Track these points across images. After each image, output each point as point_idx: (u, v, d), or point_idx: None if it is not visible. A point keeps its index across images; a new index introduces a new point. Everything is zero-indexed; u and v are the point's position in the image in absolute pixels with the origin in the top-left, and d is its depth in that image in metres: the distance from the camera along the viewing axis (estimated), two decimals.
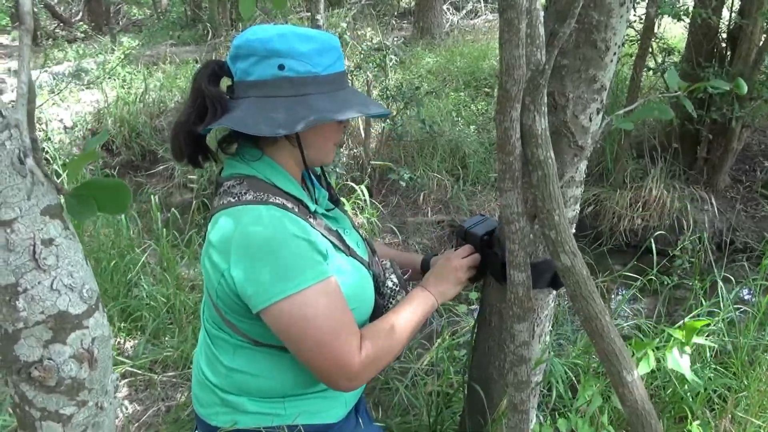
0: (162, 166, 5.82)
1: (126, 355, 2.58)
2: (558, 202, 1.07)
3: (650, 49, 4.59)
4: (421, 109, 4.91)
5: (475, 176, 5.04)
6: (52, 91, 6.80)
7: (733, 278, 2.77)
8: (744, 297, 3.35)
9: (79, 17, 12.62)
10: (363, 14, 8.53)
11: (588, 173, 1.39)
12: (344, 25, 5.84)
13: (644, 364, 1.23)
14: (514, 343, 1.26)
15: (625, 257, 4.12)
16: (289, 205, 1.15)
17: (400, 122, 4.97)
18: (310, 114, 1.11)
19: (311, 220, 1.18)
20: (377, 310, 1.26)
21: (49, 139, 5.88)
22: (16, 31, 11.53)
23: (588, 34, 1.11)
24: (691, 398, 1.87)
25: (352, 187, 4.36)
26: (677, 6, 4.43)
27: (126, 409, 2.27)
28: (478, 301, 1.55)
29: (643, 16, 4.47)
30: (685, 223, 4.45)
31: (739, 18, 4.36)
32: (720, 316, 2.33)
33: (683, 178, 4.85)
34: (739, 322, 2.38)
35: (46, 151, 5.46)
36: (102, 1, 12.02)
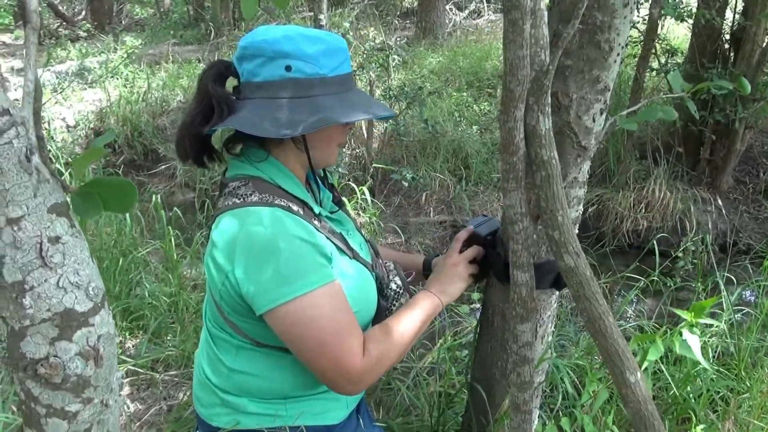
0: (164, 165, 5.83)
1: (128, 354, 2.58)
2: (561, 202, 1.07)
3: (653, 50, 4.59)
4: (424, 109, 4.91)
5: (478, 176, 5.04)
6: (55, 90, 6.81)
7: (735, 280, 2.78)
8: (747, 298, 3.35)
9: (82, 16, 12.63)
10: (366, 14, 8.53)
11: (591, 174, 1.38)
12: (347, 25, 5.84)
13: (653, 351, 1.22)
14: (517, 344, 1.26)
15: (627, 258, 4.12)
16: (294, 207, 1.15)
17: (403, 122, 4.97)
18: (316, 116, 1.11)
19: (315, 222, 1.18)
20: (380, 313, 1.26)
21: (52, 138, 5.90)
22: (19, 29, 11.58)
23: (592, 35, 1.12)
24: (694, 400, 1.88)
25: (354, 188, 4.36)
26: (680, 7, 4.43)
27: (128, 408, 2.28)
28: (481, 302, 1.56)
29: (647, 17, 4.47)
30: (688, 225, 4.44)
31: (743, 19, 4.36)
32: (722, 318, 2.33)
33: (686, 179, 4.85)
34: (742, 324, 2.38)
35: (49, 150, 5.48)
36: (105, 0, 12.04)
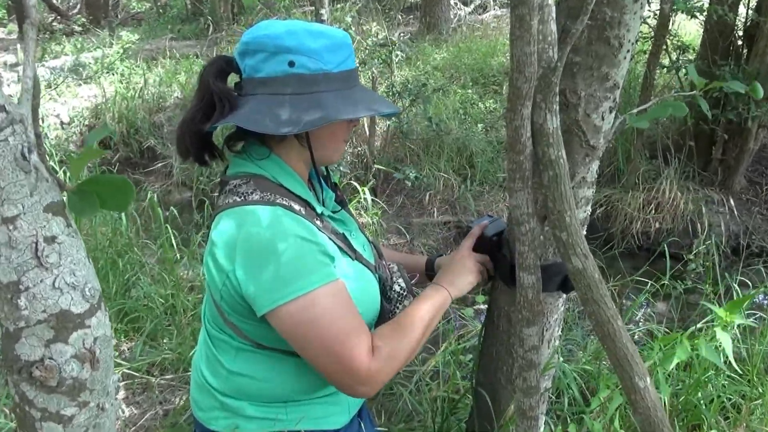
0: (160, 163, 5.84)
1: (123, 357, 2.59)
2: (569, 202, 1.07)
3: (664, 47, 4.59)
4: (428, 107, 4.92)
5: (483, 176, 5.04)
6: (49, 86, 6.83)
7: (750, 283, 2.78)
8: (760, 302, 3.35)
9: (77, 10, 12.65)
10: (368, 9, 8.53)
11: (599, 174, 1.39)
12: (349, 20, 5.85)
13: (681, 351, 1.23)
14: (523, 348, 1.26)
15: (637, 260, 4.12)
16: (296, 206, 1.15)
17: (406, 120, 4.97)
18: (319, 112, 1.11)
19: (317, 222, 1.18)
20: (384, 315, 1.26)
21: (46, 135, 5.91)
22: (13, 24, 11.60)
23: (601, 31, 1.12)
24: (705, 406, 1.87)
25: (356, 187, 4.36)
26: (692, 2, 4.42)
27: (123, 413, 2.28)
28: (486, 304, 1.56)
29: (657, 13, 4.46)
30: (700, 226, 4.44)
31: (756, 15, 4.35)
32: (734, 322, 2.32)
33: (697, 179, 4.84)
34: (755, 329, 2.38)
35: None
36: None
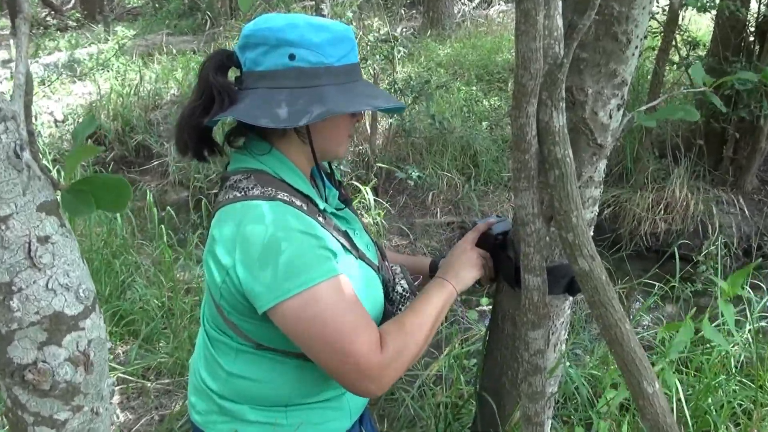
0: (156, 161, 5.85)
1: (118, 361, 2.59)
2: (576, 202, 1.07)
3: (674, 43, 4.58)
4: (431, 104, 4.91)
5: (488, 175, 5.04)
6: (43, 83, 6.84)
7: (764, 286, 2.77)
8: None
9: (71, 4, 12.67)
10: (370, 3, 8.54)
11: (607, 173, 1.39)
12: (350, 15, 5.86)
13: (685, 331, 1.23)
14: (529, 352, 1.26)
15: (645, 262, 4.11)
16: (298, 202, 1.15)
17: (409, 118, 4.97)
18: (319, 106, 1.11)
19: (320, 218, 1.18)
20: (386, 317, 1.26)
21: (39, 133, 5.92)
22: (4, 19, 11.62)
23: (608, 26, 1.12)
24: (715, 412, 1.87)
25: (357, 187, 4.37)
26: None
27: (118, 418, 2.28)
28: (490, 307, 1.56)
29: (667, 8, 4.46)
30: (710, 227, 4.43)
31: None
32: (746, 326, 2.32)
33: (708, 179, 4.84)
34: (767, 333, 2.38)
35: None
36: None
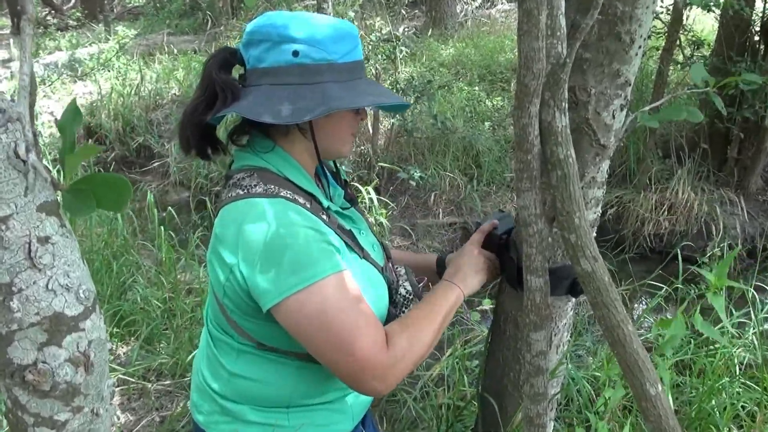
0: (157, 162, 5.86)
1: (119, 361, 2.60)
2: (579, 203, 1.07)
3: (678, 42, 4.58)
4: (433, 104, 4.91)
5: (490, 176, 5.04)
6: (43, 83, 6.85)
7: (767, 287, 2.77)
8: None
9: (72, 4, 12.71)
10: (372, 2, 8.54)
11: (610, 174, 1.39)
12: (352, 14, 5.85)
13: (677, 326, 1.24)
14: (531, 353, 1.26)
15: (649, 264, 4.11)
16: (301, 200, 1.15)
17: (411, 118, 4.97)
18: (322, 103, 1.12)
19: (323, 216, 1.18)
20: (389, 319, 1.25)
21: (40, 134, 5.94)
22: (4, 18, 11.64)
23: (612, 26, 1.12)
24: (718, 414, 1.87)
25: (358, 187, 4.37)
26: None
27: (118, 419, 2.29)
28: (492, 308, 1.56)
29: (671, 7, 4.46)
30: (714, 228, 4.42)
31: None
32: (751, 328, 2.32)
33: (712, 179, 4.83)
34: None
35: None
36: None
